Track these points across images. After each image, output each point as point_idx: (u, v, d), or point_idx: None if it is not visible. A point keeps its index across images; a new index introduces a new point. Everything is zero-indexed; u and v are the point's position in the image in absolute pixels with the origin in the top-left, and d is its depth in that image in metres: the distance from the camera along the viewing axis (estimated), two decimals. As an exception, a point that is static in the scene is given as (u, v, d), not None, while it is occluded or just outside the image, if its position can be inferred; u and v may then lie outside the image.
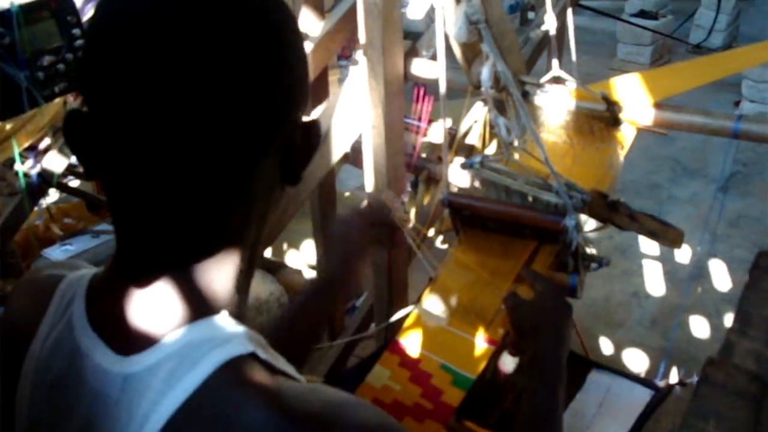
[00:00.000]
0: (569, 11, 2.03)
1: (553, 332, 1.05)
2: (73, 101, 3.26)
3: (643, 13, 6.97)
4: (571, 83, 1.47)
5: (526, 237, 1.29)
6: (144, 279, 0.57)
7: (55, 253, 3.33)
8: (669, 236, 1.16)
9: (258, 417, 0.52)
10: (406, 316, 1.31)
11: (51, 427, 0.61)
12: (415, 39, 2.05)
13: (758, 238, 3.83)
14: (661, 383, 1.52)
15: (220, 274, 0.59)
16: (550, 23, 1.67)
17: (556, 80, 1.54)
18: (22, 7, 1.36)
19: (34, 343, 0.63)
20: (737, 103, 5.46)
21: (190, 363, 0.54)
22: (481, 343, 1.20)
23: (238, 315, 0.60)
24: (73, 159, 3.25)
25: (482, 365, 1.18)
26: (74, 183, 3.80)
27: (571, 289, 1.26)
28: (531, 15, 7.85)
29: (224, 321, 0.57)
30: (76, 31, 1.46)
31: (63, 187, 3.42)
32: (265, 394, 0.53)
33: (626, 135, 1.41)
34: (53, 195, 3.76)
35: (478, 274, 1.29)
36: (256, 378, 0.54)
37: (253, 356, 0.56)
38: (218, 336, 0.56)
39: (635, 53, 6.72)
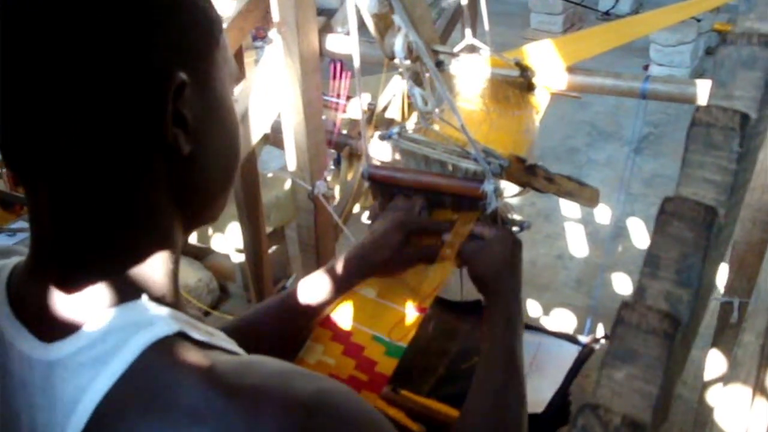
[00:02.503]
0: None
1: (509, 270, 1.06)
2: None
3: (553, -18, 7.10)
4: (485, 51, 1.48)
5: (446, 206, 1.30)
6: (62, 266, 0.57)
7: (-31, 254, 3.21)
8: (585, 195, 1.19)
9: (191, 394, 0.51)
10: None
11: None
12: (329, 16, 2.04)
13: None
14: (587, 339, 1.58)
15: (139, 258, 0.58)
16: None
17: (470, 49, 1.55)
18: None
19: None
20: (646, 67, 5.63)
21: (115, 347, 0.53)
22: (411, 312, 1.21)
23: (166, 299, 0.59)
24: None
25: (412, 333, 1.19)
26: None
27: None
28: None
29: (147, 304, 0.56)
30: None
31: (-28, 186, 3.30)
32: (196, 371, 0.53)
33: (540, 100, 1.43)
34: (-38, 194, 3.60)
35: None
36: (185, 356, 0.54)
37: (181, 335, 0.55)
38: (141, 319, 0.55)
39: (547, 22, 6.84)
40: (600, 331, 1.97)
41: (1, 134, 0.54)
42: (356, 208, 2.35)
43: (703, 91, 1.34)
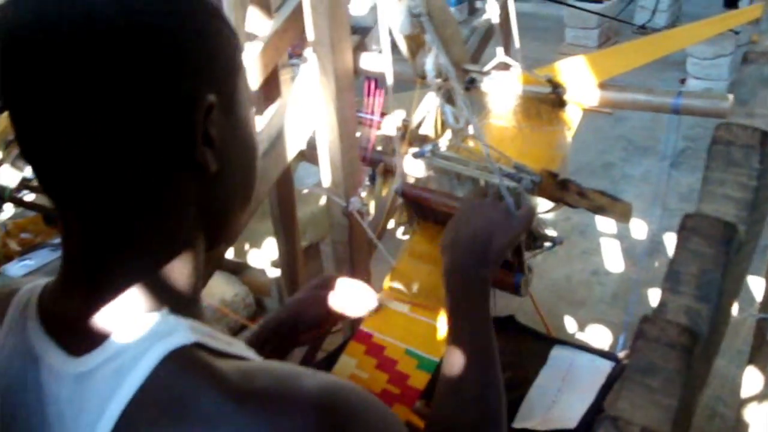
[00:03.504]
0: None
1: (468, 246, 0.98)
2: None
3: (588, -3, 7.08)
4: (517, 68, 1.50)
5: None
6: (90, 281, 0.60)
7: (14, 268, 3.28)
8: (618, 210, 1.20)
9: (204, 402, 0.54)
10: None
11: (19, 429, 0.62)
12: (363, 34, 2.07)
13: (710, 210, 3.93)
14: (621, 355, 1.57)
15: (163, 273, 0.61)
16: (492, 12, 1.71)
17: (502, 66, 1.57)
18: None
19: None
20: (683, 81, 5.58)
21: (135, 357, 0.56)
22: (442, 326, 1.23)
23: (187, 311, 0.62)
24: (27, 173, 3.21)
25: (444, 347, 1.21)
26: (29, 197, 3.74)
27: (516, 287, 1.28)
28: (479, 4, 7.94)
29: (167, 316, 0.59)
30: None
31: (18, 202, 3.37)
32: (209, 378, 0.55)
33: (572, 116, 1.44)
34: (8, 210, 3.70)
35: (435, 262, 1.32)
36: (200, 365, 0.56)
37: (198, 346, 0.58)
38: (161, 330, 0.58)
39: (582, 37, 6.82)
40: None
41: (35, 159, 0.58)
42: (390, 224, 2.37)
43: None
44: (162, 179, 0.59)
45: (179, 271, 0.62)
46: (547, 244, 1.33)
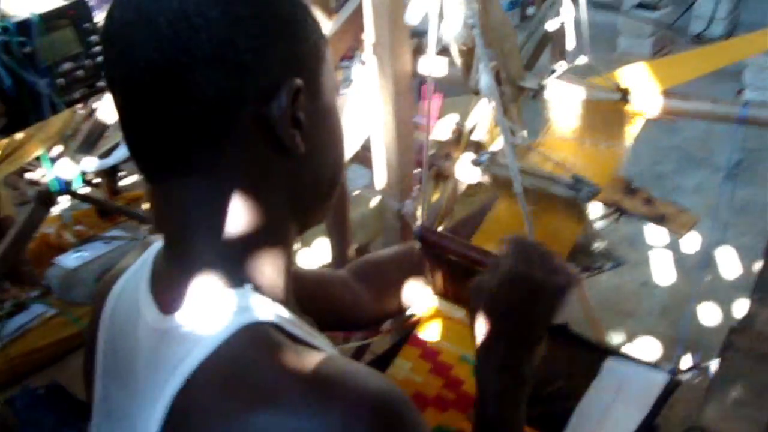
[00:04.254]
0: (581, 2, 2.04)
1: (505, 312, 0.82)
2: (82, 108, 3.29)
3: (642, 5, 6.99)
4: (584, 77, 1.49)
5: None
6: (186, 253, 0.65)
7: (68, 260, 3.36)
8: (680, 220, 1.17)
9: (266, 379, 0.57)
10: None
11: (114, 373, 0.70)
12: (420, 37, 2.07)
13: (765, 225, 3.84)
14: (675, 369, 1.54)
15: (253, 251, 0.65)
16: (567, 13, 1.69)
17: (565, 76, 1.55)
18: (42, 16, 1.40)
19: (109, 298, 0.73)
20: (740, 92, 5.47)
21: (211, 325, 0.60)
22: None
23: (273, 292, 0.66)
24: (84, 166, 3.28)
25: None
26: (84, 190, 3.82)
27: None
28: (530, 10, 7.88)
29: (249, 292, 0.63)
30: (93, 38, 1.50)
31: (74, 194, 3.45)
32: (276, 357, 0.58)
33: (635, 126, 1.43)
34: (64, 202, 3.78)
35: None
36: (270, 343, 0.60)
37: (274, 326, 0.62)
38: (240, 304, 0.62)
39: (636, 45, 6.73)
40: (688, 361, 1.92)
41: (135, 142, 0.64)
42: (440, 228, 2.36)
43: (806, 118, 1.31)
44: (253, 160, 0.63)
45: (267, 251, 0.66)
46: (609, 264, 1.32)
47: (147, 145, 0.63)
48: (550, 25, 1.79)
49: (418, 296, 1.18)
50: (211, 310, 0.61)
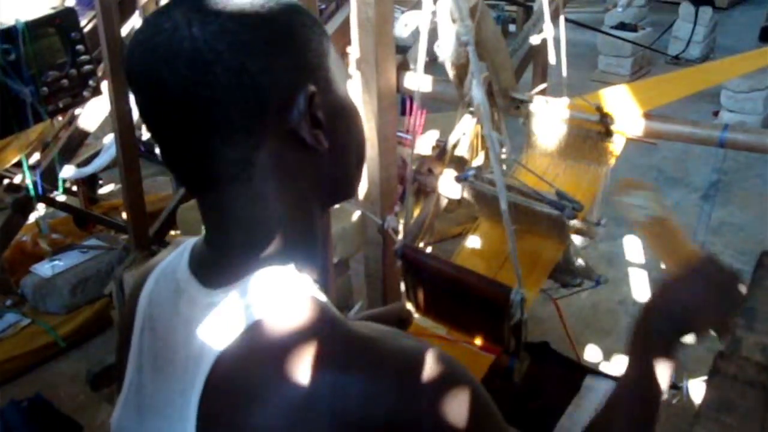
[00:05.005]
0: (561, 22, 2.07)
1: (675, 311, 0.88)
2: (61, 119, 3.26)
3: (622, 26, 7.08)
4: (564, 96, 1.50)
5: (472, 308, 1.26)
6: (229, 240, 0.71)
7: (44, 268, 3.32)
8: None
9: (314, 342, 0.62)
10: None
11: (148, 348, 0.75)
12: (403, 52, 2.08)
13: (740, 245, 3.89)
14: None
15: (287, 235, 0.71)
16: (548, 31, 1.70)
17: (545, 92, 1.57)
18: (28, 24, 1.38)
19: (147, 284, 0.79)
20: (716, 113, 5.55)
21: (262, 295, 0.66)
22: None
23: (306, 271, 0.71)
24: (64, 174, 3.26)
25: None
26: (61, 198, 3.79)
27: (509, 371, 1.26)
28: (512, 28, 7.95)
29: (291, 270, 0.69)
30: (80, 47, 1.48)
31: (51, 202, 3.42)
32: (324, 320, 0.65)
33: (617, 145, 1.44)
34: (40, 210, 3.74)
35: None
36: (316, 308, 0.66)
37: (313, 298, 0.67)
38: (286, 278, 0.68)
39: (616, 65, 6.80)
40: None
41: (175, 167, 0.70)
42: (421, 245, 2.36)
43: (784, 143, 1.33)
44: (282, 164, 0.69)
45: (303, 236, 0.73)
46: (590, 283, 1.33)
47: (186, 169, 0.70)
48: (533, 40, 1.80)
49: None
50: (258, 284, 0.67)
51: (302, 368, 0.61)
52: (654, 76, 3.32)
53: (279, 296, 0.66)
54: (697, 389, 1.66)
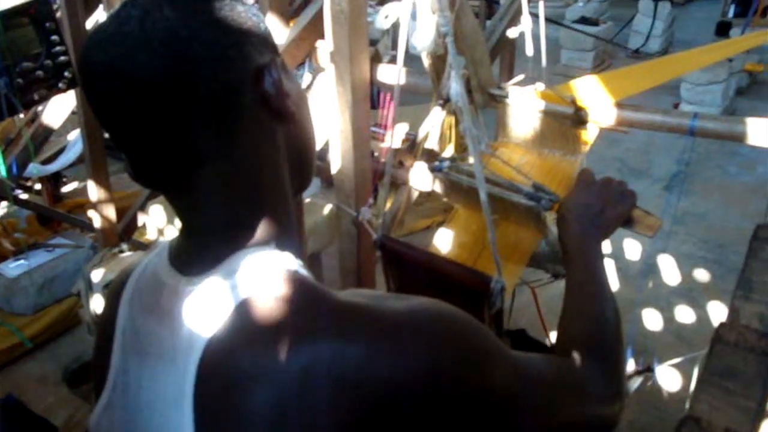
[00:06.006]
0: (540, 18, 2.09)
1: (585, 212, 1.11)
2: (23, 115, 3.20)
3: (584, 20, 7.17)
4: (539, 86, 1.52)
5: (452, 297, 1.28)
6: (207, 223, 0.71)
7: (9, 268, 3.26)
8: (647, 222, 1.22)
9: (309, 315, 0.63)
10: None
11: (132, 344, 0.75)
12: (373, 44, 2.08)
13: (703, 233, 3.97)
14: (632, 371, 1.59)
15: (266, 214, 0.72)
16: (526, 25, 1.72)
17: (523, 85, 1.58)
18: (1, 14, 1.35)
19: (128, 284, 0.79)
20: (676, 105, 5.65)
21: (245, 275, 0.66)
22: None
23: (287, 248, 0.72)
24: (29, 171, 3.20)
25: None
26: (24, 196, 3.72)
27: None
28: (489, 25, 8.00)
29: (273, 249, 0.70)
30: (55, 38, 1.45)
31: (15, 200, 3.36)
32: (312, 292, 0.66)
33: (590, 135, 1.46)
34: (2, 209, 3.68)
35: None
36: (304, 284, 0.67)
37: (297, 273, 0.68)
38: (270, 256, 0.69)
39: (578, 59, 6.89)
40: (631, 365, 1.98)
41: (141, 157, 0.70)
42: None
43: (752, 129, 1.36)
44: (261, 133, 0.71)
45: (281, 215, 0.74)
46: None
47: (158, 164, 0.69)
48: (511, 33, 1.82)
49: None
50: (242, 265, 0.67)
51: (295, 342, 0.61)
52: (616, 69, 3.38)
53: (263, 274, 0.66)
54: (666, 374, 1.70)
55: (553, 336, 2.80)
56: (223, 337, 0.64)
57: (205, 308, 0.66)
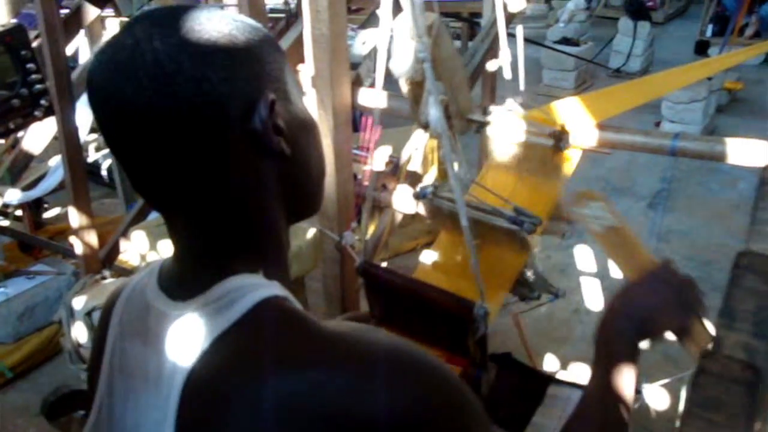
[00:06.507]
0: (519, 37, 2.10)
1: (637, 313, 0.93)
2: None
3: (565, 41, 7.23)
4: (520, 111, 1.52)
5: (436, 323, 1.27)
6: (197, 251, 0.71)
7: (-11, 296, 3.22)
8: (699, 339, 1.11)
9: (294, 344, 0.63)
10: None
11: (120, 366, 0.75)
12: (354, 68, 2.09)
13: (687, 251, 3.98)
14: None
15: (254, 244, 0.72)
16: (504, 57, 1.73)
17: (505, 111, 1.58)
18: (-25, 42, 1.34)
19: (117, 305, 0.79)
20: (657, 124, 5.69)
21: (232, 301, 0.66)
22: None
23: (275, 277, 0.71)
24: (7, 198, 3.17)
25: None
26: (5, 223, 3.68)
27: (476, 381, 1.27)
28: (456, 44, 8.05)
29: (260, 276, 0.70)
30: (31, 66, 1.44)
31: (-5, 228, 3.33)
32: (299, 324, 0.65)
33: (572, 156, 1.47)
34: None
35: None
36: (291, 312, 0.66)
37: (285, 299, 0.68)
38: (255, 283, 0.68)
39: (560, 78, 6.94)
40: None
41: (141, 185, 0.70)
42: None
43: (732, 149, 1.37)
44: (248, 172, 0.69)
45: (269, 244, 0.74)
46: (550, 297, 1.34)
47: (153, 187, 0.69)
48: (490, 66, 1.83)
49: None
50: (227, 290, 0.67)
51: (278, 370, 0.61)
52: (597, 88, 3.40)
53: (249, 302, 0.66)
54: (653, 394, 1.69)
55: (537, 358, 2.76)
56: (206, 363, 0.64)
57: (191, 334, 0.66)
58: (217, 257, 0.70)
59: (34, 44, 1.85)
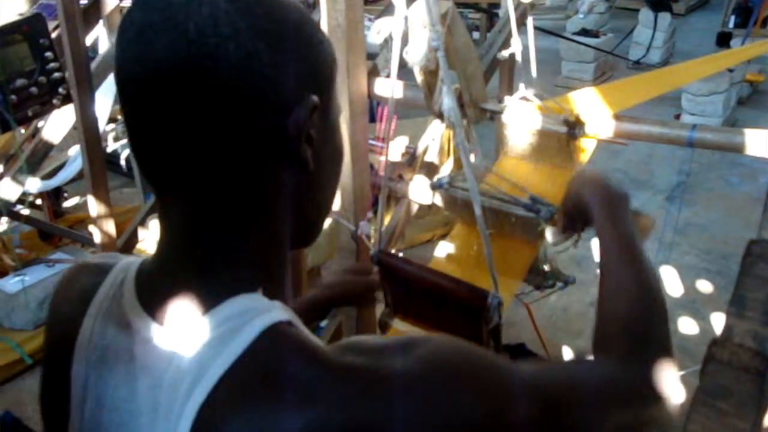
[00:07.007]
0: (530, 27, 2.09)
1: (605, 199, 0.99)
2: (23, 129, 3.21)
3: (584, 32, 7.18)
4: (535, 102, 1.51)
5: (450, 313, 1.28)
6: (193, 263, 0.64)
7: (10, 284, 3.26)
8: (640, 224, 1.19)
9: (303, 373, 0.58)
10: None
11: (98, 397, 0.67)
12: (372, 59, 2.09)
13: (705, 245, 3.96)
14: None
15: (258, 259, 0.65)
16: (515, 45, 1.72)
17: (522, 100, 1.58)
18: (-6, 30, 1.36)
19: (86, 320, 0.69)
20: (678, 116, 5.64)
21: (235, 329, 0.60)
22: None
23: (276, 296, 0.66)
24: (27, 187, 3.20)
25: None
26: (25, 212, 3.72)
27: None
28: (475, 35, 8.02)
29: (261, 297, 0.63)
30: (49, 54, 1.45)
31: (16, 216, 3.36)
32: (307, 351, 0.60)
33: (588, 148, 1.46)
34: (2, 225, 3.67)
35: None
36: (297, 339, 0.61)
37: (289, 323, 0.62)
38: (258, 307, 0.62)
39: (579, 70, 6.90)
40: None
41: (145, 150, 0.63)
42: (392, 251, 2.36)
43: (751, 140, 1.36)
44: (265, 172, 0.63)
45: (272, 258, 0.67)
46: (560, 284, 1.33)
47: (158, 153, 0.62)
48: (500, 55, 1.82)
49: None
50: (229, 315, 0.61)
51: (288, 408, 0.57)
52: (616, 80, 3.38)
53: (254, 329, 0.60)
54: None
55: (552, 351, 2.77)
56: (215, 404, 0.58)
57: (197, 364, 0.59)
58: (213, 263, 0.64)
59: (54, 34, 1.86)
